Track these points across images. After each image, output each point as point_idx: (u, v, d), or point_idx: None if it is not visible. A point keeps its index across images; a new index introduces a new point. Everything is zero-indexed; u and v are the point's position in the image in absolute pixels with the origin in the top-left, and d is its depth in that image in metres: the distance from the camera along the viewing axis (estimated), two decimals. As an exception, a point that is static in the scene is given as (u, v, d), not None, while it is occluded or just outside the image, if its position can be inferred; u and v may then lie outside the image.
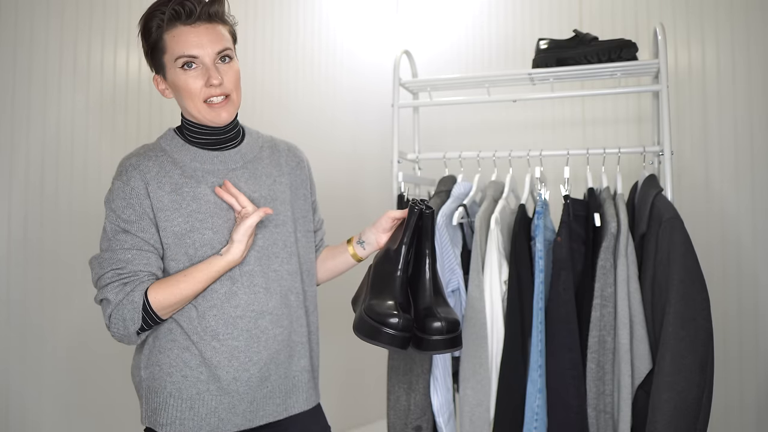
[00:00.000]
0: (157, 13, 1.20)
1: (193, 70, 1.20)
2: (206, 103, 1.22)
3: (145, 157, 1.23)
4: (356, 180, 2.95)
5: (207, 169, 1.26)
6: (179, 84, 1.21)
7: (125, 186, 1.19)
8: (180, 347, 1.21)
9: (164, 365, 1.21)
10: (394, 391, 1.79)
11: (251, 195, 1.28)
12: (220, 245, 1.22)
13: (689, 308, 1.52)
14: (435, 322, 1.17)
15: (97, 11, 1.99)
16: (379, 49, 3.16)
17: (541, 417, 1.65)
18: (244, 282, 1.23)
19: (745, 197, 2.36)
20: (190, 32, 1.19)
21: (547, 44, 1.99)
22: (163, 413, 1.21)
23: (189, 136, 1.27)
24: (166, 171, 1.22)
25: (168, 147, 1.26)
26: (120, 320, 1.15)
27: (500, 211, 1.80)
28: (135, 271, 1.16)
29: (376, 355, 2.51)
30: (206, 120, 1.24)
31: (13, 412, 1.77)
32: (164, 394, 1.21)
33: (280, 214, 1.32)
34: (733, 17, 2.41)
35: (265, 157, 1.35)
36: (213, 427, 1.21)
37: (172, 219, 1.20)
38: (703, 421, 1.52)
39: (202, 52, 1.19)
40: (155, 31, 1.21)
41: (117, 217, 1.19)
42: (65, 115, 1.91)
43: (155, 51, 1.22)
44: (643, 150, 1.82)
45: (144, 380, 1.23)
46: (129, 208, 1.18)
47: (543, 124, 2.81)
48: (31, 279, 1.83)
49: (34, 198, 1.84)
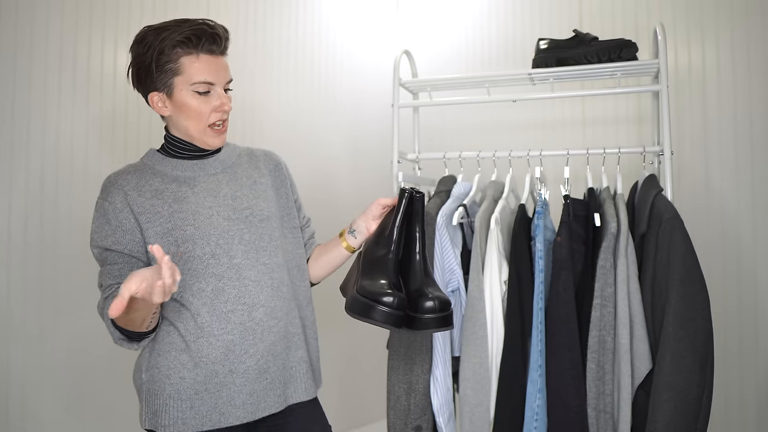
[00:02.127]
0: (174, 36, 1.23)
1: (206, 96, 1.27)
2: (210, 127, 1.29)
3: (124, 172, 1.31)
4: (356, 180, 2.95)
5: (188, 175, 1.32)
6: (190, 106, 1.27)
7: (104, 202, 1.27)
8: (177, 349, 1.24)
9: (163, 368, 1.24)
10: (394, 391, 1.79)
11: (234, 194, 1.33)
12: (201, 240, 1.26)
13: (689, 308, 1.52)
14: (427, 301, 1.20)
15: (97, 13, 1.99)
16: (379, 49, 3.16)
17: (541, 417, 1.65)
18: (231, 276, 1.26)
19: (745, 197, 2.36)
20: (211, 61, 1.27)
21: (547, 44, 1.99)
22: (164, 415, 1.23)
23: (173, 152, 1.34)
24: (147, 180, 1.29)
25: (149, 162, 1.34)
26: (108, 331, 1.22)
27: (500, 211, 1.80)
28: (110, 284, 1.23)
29: (376, 356, 2.51)
30: (203, 141, 1.31)
31: (13, 413, 1.77)
32: (164, 396, 1.23)
33: (264, 210, 1.36)
34: (732, 17, 2.41)
35: (244, 162, 1.41)
36: (215, 422, 1.24)
37: (153, 220, 1.25)
38: (703, 421, 1.52)
39: (218, 80, 1.28)
40: (170, 53, 1.24)
41: (99, 235, 1.25)
42: (65, 116, 1.91)
43: (162, 70, 1.25)
44: (643, 150, 1.82)
45: (144, 383, 1.26)
46: (106, 224, 1.25)
47: (543, 124, 2.81)
48: (31, 281, 1.83)
49: (34, 199, 1.84)
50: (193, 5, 2.27)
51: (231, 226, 1.29)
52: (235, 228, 1.30)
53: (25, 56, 1.82)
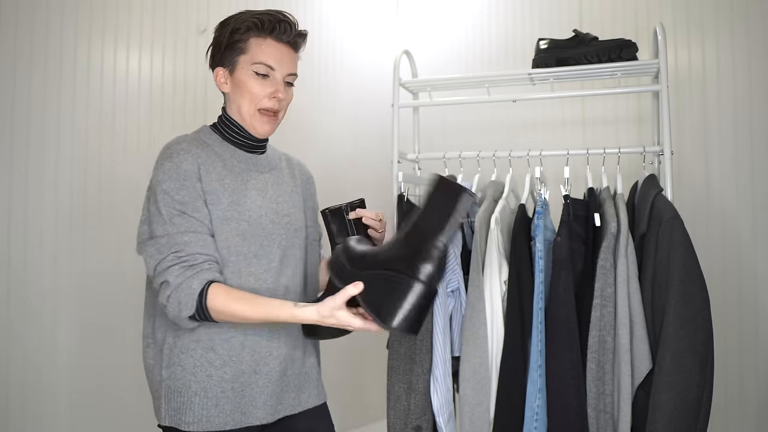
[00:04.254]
0: (250, 19, 1.27)
1: (263, 80, 1.28)
2: (259, 111, 1.29)
3: (193, 143, 1.26)
4: (356, 180, 2.95)
5: (243, 168, 1.31)
6: (246, 85, 1.28)
7: (178, 168, 1.20)
8: (204, 347, 1.23)
9: (187, 365, 1.22)
10: (394, 391, 1.79)
11: (277, 198, 1.34)
12: (251, 238, 1.25)
13: (689, 308, 1.52)
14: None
15: (97, 14, 1.99)
16: (379, 49, 3.16)
17: (541, 417, 1.65)
18: (267, 279, 1.27)
19: (745, 197, 2.36)
20: (277, 48, 1.29)
21: (547, 44, 1.99)
22: (188, 412, 1.21)
23: (227, 134, 1.32)
24: (212, 161, 1.26)
25: (208, 140, 1.30)
26: (176, 303, 1.14)
27: (500, 211, 1.80)
28: (193, 253, 1.16)
29: (376, 355, 2.51)
30: (250, 126, 1.31)
31: (13, 413, 1.77)
32: (189, 394, 1.22)
33: (299, 220, 1.39)
34: (732, 17, 2.41)
35: (284, 167, 1.43)
36: (237, 422, 1.24)
37: (216, 204, 1.23)
38: (703, 421, 1.52)
39: (279, 67, 1.29)
40: (243, 33, 1.27)
41: (171, 199, 1.18)
42: (65, 117, 1.91)
43: (232, 48, 1.28)
44: (643, 150, 1.82)
45: (164, 380, 1.24)
46: (183, 189, 1.20)
47: (543, 124, 2.81)
48: (32, 279, 1.83)
49: (35, 200, 1.84)
50: (194, 5, 2.27)
51: (274, 230, 1.31)
52: (277, 232, 1.31)
53: (25, 56, 1.82)
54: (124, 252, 2.06)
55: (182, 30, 2.22)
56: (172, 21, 2.18)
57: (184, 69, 2.23)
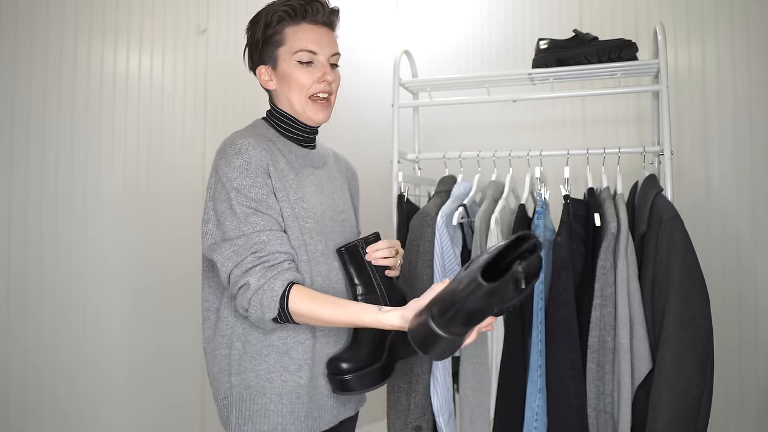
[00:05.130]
0: (280, 9, 1.23)
1: (308, 66, 1.25)
2: (311, 99, 1.25)
3: (259, 139, 1.22)
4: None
5: (301, 163, 1.28)
6: (292, 76, 1.24)
7: (248, 164, 1.16)
8: (278, 352, 1.19)
9: (261, 371, 1.18)
10: (394, 391, 1.79)
11: (332, 194, 1.31)
12: (318, 236, 1.22)
13: (689, 308, 1.52)
14: None
15: (97, 14, 1.99)
16: (379, 48, 3.16)
17: (541, 417, 1.65)
18: (331, 278, 1.24)
19: (745, 197, 2.36)
20: (314, 30, 1.26)
21: (547, 44, 1.99)
22: (262, 420, 1.18)
23: (281, 128, 1.29)
24: (276, 157, 1.23)
25: (268, 135, 1.27)
26: (258, 305, 1.10)
27: (500, 211, 1.80)
28: (273, 252, 1.12)
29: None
30: (305, 115, 1.27)
31: (13, 413, 1.77)
32: (263, 401, 1.18)
33: (351, 217, 1.36)
34: (732, 17, 2.41)
35: (332, 163, 1.39)
36: (310, 428, 1.21)
37: (286, 201, 1.20)
38: (703, 421, 1.52)
39: (320, 50, 1.25)
40: (276, 25, 1.23)
41: (244, 197, 1.14)
42: (65, 117, 1.91)
43: (269, 43, 1.25)
44: (643, 150, 1.82)
45: (235, 387, 1.19)
46: (255, 186, 1.15)
47: (543, 124, 2.81)
48: (32, 279, 1.83)
49: (35, 200, 1.84)
50: (194, 5, 2.27)
51: (335, 227, 1.28)
52: (336, 230, 1.28)
53: (25, 57, 1.82)
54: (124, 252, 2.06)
55: (182, 30, 2.22)
56: (172, 21, 2.18)
57: (184, 69, 2.23)
